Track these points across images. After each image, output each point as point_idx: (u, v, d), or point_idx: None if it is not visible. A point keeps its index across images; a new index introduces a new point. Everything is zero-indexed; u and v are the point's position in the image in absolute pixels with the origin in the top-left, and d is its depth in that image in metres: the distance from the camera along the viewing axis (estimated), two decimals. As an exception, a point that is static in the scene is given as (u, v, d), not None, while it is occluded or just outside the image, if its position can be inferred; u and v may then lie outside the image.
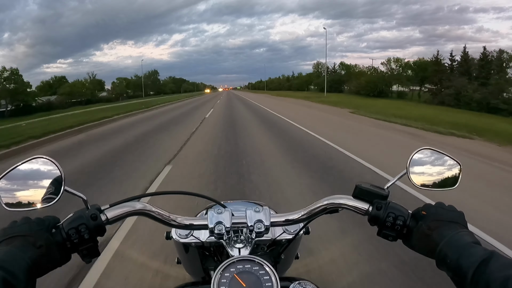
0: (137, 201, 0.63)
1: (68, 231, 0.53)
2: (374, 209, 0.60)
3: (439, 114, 15.92)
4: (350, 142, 6.82)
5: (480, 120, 14.00)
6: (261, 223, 0.64)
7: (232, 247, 0.66)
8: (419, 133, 8.85)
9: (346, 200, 0.64)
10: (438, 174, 0.67)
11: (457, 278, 0.48)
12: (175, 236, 0.85)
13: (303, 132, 8.44)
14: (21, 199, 0.56)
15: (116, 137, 8.56)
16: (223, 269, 0.55)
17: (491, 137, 8.25)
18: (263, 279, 0.54)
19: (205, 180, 4.21)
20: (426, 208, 0.59)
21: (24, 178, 0.57)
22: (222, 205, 0.69)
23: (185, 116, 14.44)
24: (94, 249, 0.56)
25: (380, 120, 11.73)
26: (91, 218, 0.55)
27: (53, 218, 0.56)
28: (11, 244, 0.49)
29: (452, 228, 0.54)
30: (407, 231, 0.59)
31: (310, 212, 0.67)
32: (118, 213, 0.60)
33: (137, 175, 4.60)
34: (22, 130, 9.58)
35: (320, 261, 2.21)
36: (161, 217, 0.64)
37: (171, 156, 5.71)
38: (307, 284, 0.61)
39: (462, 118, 14.15)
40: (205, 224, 0.65)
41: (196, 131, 8.88)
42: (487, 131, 9.44)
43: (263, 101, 26.40)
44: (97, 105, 32.83)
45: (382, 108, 17.66)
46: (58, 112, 22.07)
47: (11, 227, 0.52)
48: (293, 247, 0.90)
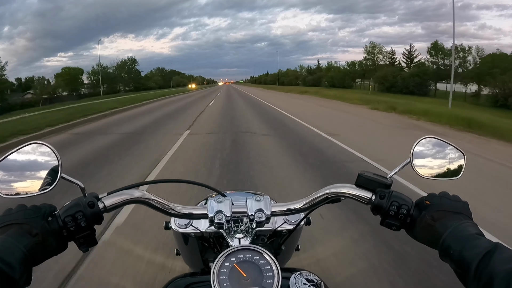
0: (136, 189, 0.62)
1: (64, 218, 0.52)
2: (377, 198, 0.59)
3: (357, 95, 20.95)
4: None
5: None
6: (262, 212, 0.63)
7: (232, 237, 0.65)
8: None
9: (349, 189, 0.63)
10: (441, 164, 0.67)
11: (460, 270, 0.48)
12: (174, 226, 0.84)
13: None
14: (17, 186, 0.55)
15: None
16: (223, 258, 0.54)
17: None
18: (264, 269, 0.54)
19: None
20: (430, 198, 0.58)
21: (20, 164, 0.56)
22: (222, 194, 0.68)
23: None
24: (91, 238, 0.55)
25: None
26: (88, 206, 0.54)
27: (50, 206, 0.55)
28: (6, 232, 0.48)
29: (455, 219, 0.53)
30: (411, 220, 0.58)
31: (312, 201, 0.66)
32: (116, 201, 0.58)
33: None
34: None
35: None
36: (160, 206, 0.63)
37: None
38: (309, 274, 0.60)
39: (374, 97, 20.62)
40: (205, 213, 0.64)
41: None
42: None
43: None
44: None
45: (329, 94, 23.61)
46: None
47: (6, 215, 0.51)
48: (294, 238, 0.90)
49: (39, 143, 0.57)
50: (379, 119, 10.42)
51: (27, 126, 7.91)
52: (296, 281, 0.58)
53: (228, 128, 8.17)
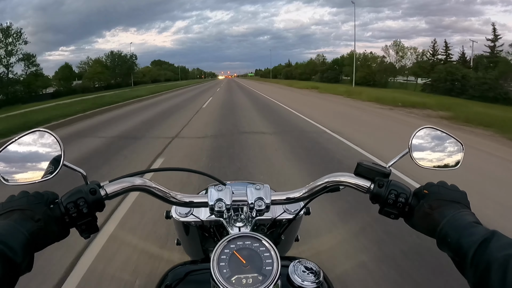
0: (137, 177, 0.62)
1: (66, 205, 0.53)
2: (376, 187, 0.60)
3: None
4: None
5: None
6: (261, 200, 0.63)
7: (232, 226, 0.66)
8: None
9: (348, 177, 0.64)
10: (440, 154, 0.67)
11: (457, 258, 0.48)
12: (175, 215, 0.84)
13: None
14: (20, 172, 0.55)
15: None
16: (223, 245, 0.55)
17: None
18: (263, 256, 0.54)
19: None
20: (428, 187, 0.58)
21: (23, 152, 0.56)
22: (223, 182, 0.68)
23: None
24: (93, 224, 0.55)
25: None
26: (90, 193, 0.54)
27: (52, 193, 0.55)
28: (9, 218, 0.48)
29: (453, 208, 0.54)
30: (409, 209, 0.59)
31: (311, 190, 0.66)
32: (117, 188, 0.59)
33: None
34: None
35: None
36: (161, 194, 0.64)
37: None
38: (308, 262, 0.61)
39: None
40: (205, 202, 0.64)
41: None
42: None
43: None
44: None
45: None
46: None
47: (9, 201, 0.51)
48: (293, 228, 0.91)
49: (42, 130, 0.57)
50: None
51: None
52: (295, 268, 0.59)
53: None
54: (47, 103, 16.76)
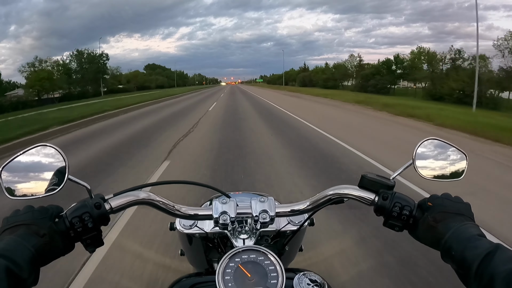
0: (141, 191, 0.62)
1: (71, 219, 0.53)
2: (380, 199, 0.60)
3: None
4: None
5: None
6: (266, 213, 0.63)
7: (237, 238, 0.66)
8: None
9: (352, 190, 0.63)
10: (443, 165, 0.67)
11: (461, 270, 0.48)
12: (179, 227, 0.84)
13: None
14: (24, 187, 0.55)
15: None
16: (228, 259, 0.55)
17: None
18: (268, 269, 0.54)
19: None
20: (432, 199, 0.58)
21: (27, 166, 0.56)
22: (227, 195, 0.68)
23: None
24: (98, 238, 0.55)
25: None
26: (95, 207, 0.54)
27: (57, 207, 0.56)
28: (14, 233, 0.49)
29: (457, 220, 0.54)
30: (413, 221, 0.58)
31: (315, 202, 0.66)
32: (122, 202, 0.59)
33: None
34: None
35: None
36: (165, 207, 0.64)
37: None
38: (312, 275, 0.61)
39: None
40: (210, 214, 0.64)
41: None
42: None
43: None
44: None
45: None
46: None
47: (14, 215, 0.52)
48: (298, 239, 0.90)
49: (45, 145, 0.57)
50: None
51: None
52: (300, 281, 0.59)
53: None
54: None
